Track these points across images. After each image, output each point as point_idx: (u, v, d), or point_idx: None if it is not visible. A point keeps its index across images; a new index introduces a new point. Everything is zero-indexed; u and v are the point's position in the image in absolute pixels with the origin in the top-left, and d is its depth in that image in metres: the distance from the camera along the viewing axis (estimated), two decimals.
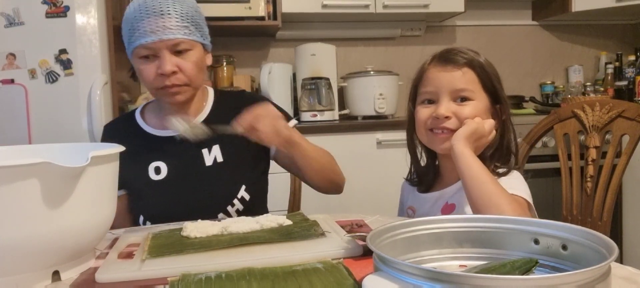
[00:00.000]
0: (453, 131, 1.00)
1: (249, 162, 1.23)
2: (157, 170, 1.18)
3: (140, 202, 1.20)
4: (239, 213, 1.18)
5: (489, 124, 1.01)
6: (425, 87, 1.07)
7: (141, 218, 1.19)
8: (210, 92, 1.29)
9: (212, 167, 1.18)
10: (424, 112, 1.06)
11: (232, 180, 1.18)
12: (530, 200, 0.98)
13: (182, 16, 1.10)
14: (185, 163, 1.18)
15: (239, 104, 1.19)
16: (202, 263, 0.72)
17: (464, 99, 1.02)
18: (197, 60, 1.13)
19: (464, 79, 1.02)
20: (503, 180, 0.99)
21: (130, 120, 1.25)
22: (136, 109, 1.28)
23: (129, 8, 1.11)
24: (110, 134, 1.27)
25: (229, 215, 1.18)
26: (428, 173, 1.15)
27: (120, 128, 1.27)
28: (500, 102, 1.05)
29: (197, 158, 1.18)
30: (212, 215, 1.17)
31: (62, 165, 0.66)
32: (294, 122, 1.29)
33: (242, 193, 1.18)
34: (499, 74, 1.07)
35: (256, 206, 1.21)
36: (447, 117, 1.02)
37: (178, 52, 1.10)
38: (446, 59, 1.04)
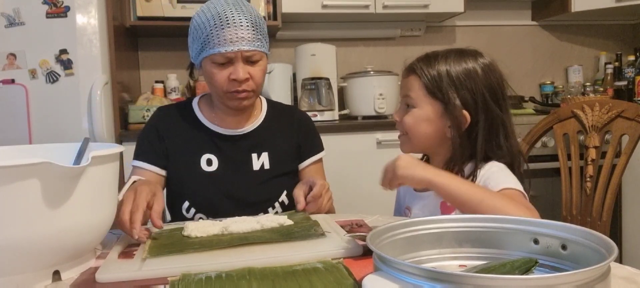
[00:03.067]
0: (403, 135, 1.07)
1: (292, 170, 1.30)
2: (209, 162, 1.23)
3: (188, 189, 1.23)
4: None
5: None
6: None
7: (186, 204, 1.22)
8: (263, 101, 1.35)
9: (258, 171, 1.24)
10: None
11: (276, 186, 1.25)
12: (520, 188, 0.95)
13: (254, 27, 1.14)
14: (234, 162, 1.24)
15: (290, 118, 1.31)
16: (203, 263, 0.72)
17: (410, 106, 1.05)
18: (264, 69, 1.20)
19: (408, 86, 1.06)
20: (491, 177, 0.97)
21: (186, 109, 1.29)
22: (193, 98, 1.32)
23: (201, 16, 1.15)
24: (162, 117, 1.28)
25: None
26: None
27: (174, 114, 1.29)
28: (450, 111, 1.01)
29: (247, 160, 1.24)
30: (253, 214, 1.17)
31: (62, 165, 0.66)
32: (323, 153, 1.36)
33: (283, 197, 1.26)
34: (488, 82, 1.01)
35: (291, 209, 1.24)
36: (398, 122, 1.08)
37: (250, 62, 1.17)
38: (407, 66, 1.08)
